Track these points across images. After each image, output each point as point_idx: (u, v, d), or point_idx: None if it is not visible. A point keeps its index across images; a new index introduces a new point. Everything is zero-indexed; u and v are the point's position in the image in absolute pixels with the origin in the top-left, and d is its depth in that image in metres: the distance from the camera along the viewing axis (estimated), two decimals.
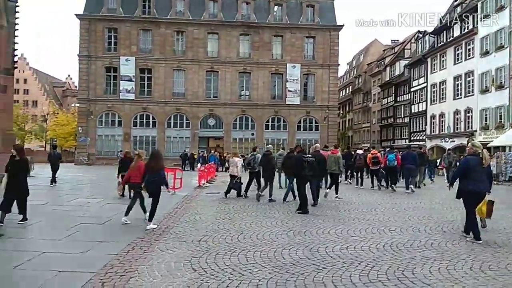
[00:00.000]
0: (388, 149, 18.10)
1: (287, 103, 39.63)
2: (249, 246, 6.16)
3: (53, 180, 15.45)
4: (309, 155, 10.58)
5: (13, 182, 7.58)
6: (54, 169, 15.64)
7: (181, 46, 39.63)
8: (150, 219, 7.55)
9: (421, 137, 39.45)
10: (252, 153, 13.02)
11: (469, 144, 7.11)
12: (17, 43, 19.05)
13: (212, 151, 33.22)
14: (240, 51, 39.93)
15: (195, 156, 32.31)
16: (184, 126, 39.36)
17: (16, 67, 20.54)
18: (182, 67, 39.20)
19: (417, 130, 40.94)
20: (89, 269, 4.90)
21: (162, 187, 7.78)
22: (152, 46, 39.07)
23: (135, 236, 6.75)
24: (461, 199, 6.87)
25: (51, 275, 4.75)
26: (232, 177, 12.55)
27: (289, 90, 39.61)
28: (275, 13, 40.59)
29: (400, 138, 45.49)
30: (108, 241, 6.47)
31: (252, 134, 39.54)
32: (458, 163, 19.45)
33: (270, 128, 39.90)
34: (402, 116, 45.27)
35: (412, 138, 41.45)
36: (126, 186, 10.48)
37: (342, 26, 40.35)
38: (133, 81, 38.41)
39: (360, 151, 17.77)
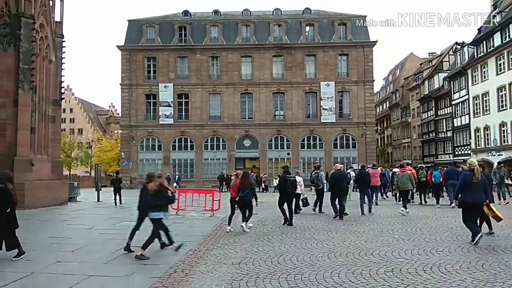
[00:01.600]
0: (420, 165, 19.93)
1: (322, 121, 39.37)
2: (289, 268, 6.08)
3: (120, 201, 17.85)
4: (292, 175, 11.59)
5: None
6: (118, 192, 18.13)
7: (216, 70, 40.72)
8: (246, 221, 9.87)
9: (465, 152, 37.69)
10: (315, 171, 14.38)
11: (467, 162, 8.41)
12: (64, 75, 20.38)
13: (251, 172, 33.38)
14: (274, 72, 40.42)
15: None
16: (221, 148, 39.96)
17: (63, 98, 21.86)
18: (217, 90, 40.15)
19: (461, 144, 39.18)
20: None
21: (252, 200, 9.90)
22: (189, 72, 40.41)
23: (176, 258, 6.85)
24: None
25: None
26: (297, 196, 13.09)
27: (323, 108, 39.39)
28: (307, 33, 40.95)
29: (443, 153, 43.66)
30: (151, 263, 6.61)
31: (288, 154, 39.44)
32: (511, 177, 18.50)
33: (306, 147, 39.65)
34: (444, 130, 43.57)
35: (456, 153, 39.68)
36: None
37: (375, 42, 39.98)
38: (171, 106, 39.73)
39: (396, 169, 17.75)
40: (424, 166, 19.56)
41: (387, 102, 64.60)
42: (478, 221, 8.15)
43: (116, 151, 54.02)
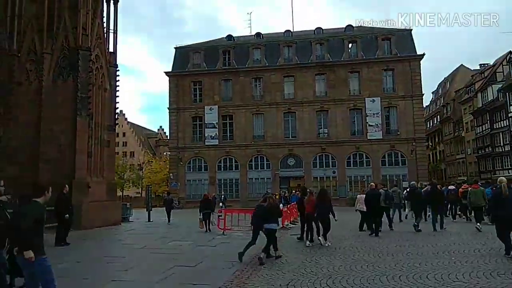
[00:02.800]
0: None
1: (368, 138, 38.41)
2: None
3: (169, 220, 19.21)
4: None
5: None
6: (168, 211, 19.81)
7: (259, 91, 41.32)
8: (325, 237, 10.65)
9: None
10: (393, 188, 16.67)
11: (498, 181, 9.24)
12: (118, 102, 21.60)
13: (294, 191, 33.12)
14: (316, 90, 40.27)
15: (277, 197, 32.44)
16: (265, 167, 40.07)
17: (117, 124, 23.12)
18: (260, 110, 40.61)
19: None
20: None
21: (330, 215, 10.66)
22: (233, 94, 41.33)
23: (225, 279, 6.91)
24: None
25: None
26: (361, 212, 13.57)
27: (369, 125, 38.49)
28: (349, 50, 40.63)
29: (502, 168, 40.85)
30: (200, 283, 6.72)
31: (334, 172, 38.72)
32: None
33: (352, 165, 38.73)
34: (502, 144, 40.90)
35: None
36: (206, 221, 15.32)
37: (422, 55, 38.80)
38: (216, 127, 40.67)
39: (451, 187, 17.12)
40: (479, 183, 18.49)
41: (438, 117, 61.93)
42: None
43: (165, 172, 55.84)
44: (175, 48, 43.89)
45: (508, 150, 39.13)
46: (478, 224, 13.22)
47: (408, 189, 18.41)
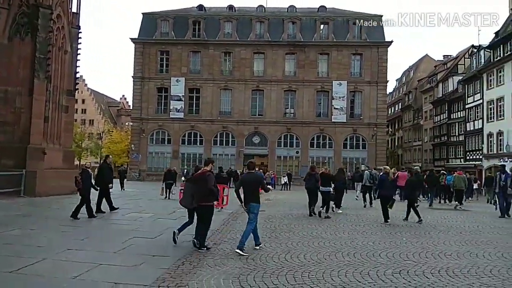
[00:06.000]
0: (442, 171, 23.47)
1: (333, 121, 39.17)
2: (296, 266, 6.10)
3: (122, 188, 21.23)
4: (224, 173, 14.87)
5: None
6: (122, 181, 21.86)
7: (228, 66, 40.76)
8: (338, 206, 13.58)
9: (477, 156, 37.23)
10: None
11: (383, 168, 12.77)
12: (78, 66, 20.59)
13: (257, 169, 33.40)
14: (286, 69, 40.30)
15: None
16: (230, 144, 40.05)
17: (77, 89, 22.11)
18: (229, 86, 40.19)
19: (473, 149, 38.68)
20: (142, 282, 5.08)
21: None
22: (201, 67, 40.51)
23: (185, 251, 6.92)
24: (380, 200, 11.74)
25: (107, 286, 4.98)
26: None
27: (335, 108, 39.19)
28: (321, 31, 40.72)
29: (455, 157, 43.15)
30: (160, 255, 6.69)
31: (297, 152, 39.37)
32: None
33: (315, 146, 39.52)
34: (457, 134, 43.03)
35: (468, 158, 39.20)
36: (166, 191, 17.94)
37: (391, 42, 39.58)
38: (182, 100, 39.90)
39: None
40: (445, 171, 22.43)
41: (400, 104, 63.99)
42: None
43: (126, 143, 54.56)
44: (142, 14, 42.15)
45: (462, 140, 41.26)
46: (460, 205, 16.44)
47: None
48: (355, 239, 8.53)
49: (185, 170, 36.20)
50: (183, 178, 31.10)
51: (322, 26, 40.82)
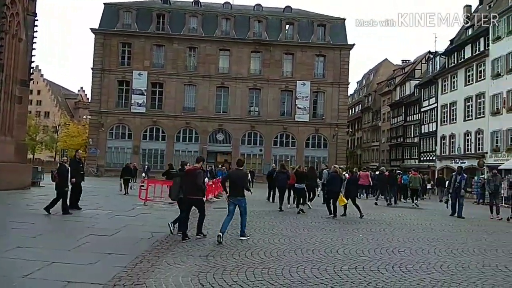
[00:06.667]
0: (398, 171, 24.18)
1: (296, 120, 39.76)
2: (256, 263, 6.14)
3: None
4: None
5: None
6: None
7: (193, 62, 40.26)
8: (311, 201, 14.38)
9: (430, 158, 39.12)
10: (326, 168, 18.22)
11: (333, 167, 13.48)
12: (34, 55, 19.54)
13: (220, 166, 33.30)
14: (251, 67, 40.39)
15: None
16: (193, 141, 39.62)
17: (32, 79, 20.99)
18: (193, 82, 39.72)
19: (427, 150, 40.63)
20: (97, 281, 4.92)
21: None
22: (165, 61, 39.73)
23: (143, 249, 6.77)
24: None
25: (60, 285, 4.78)
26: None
27: (298, 107, 39.78)
28: (286, 31, 41.14)
29: (410, 158, 45.14)
30: (116, 253, 6.50)
31: (261, 150, 39.62)
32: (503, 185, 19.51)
33: (278, 144, 39.96)
34: (412, 136, 45.04)
35: (422, 159, 41.10)
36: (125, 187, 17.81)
37: (352, 45, 40.68)
38: (144, 95, 38.97)
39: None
40: (401, 171, 24.20)
41: (360, 105, 65.98)
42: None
43: (83, 137, 52.40)
44: (104, 4, 40.67)
45: (417, 141, 43.20)
46: (416, 202, 18.10)
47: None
48: (314, 235, 8.72)
49: (146, 166, 35.41)
50: (143, 174, 30.62)
51: (287, 26, 41.25)
